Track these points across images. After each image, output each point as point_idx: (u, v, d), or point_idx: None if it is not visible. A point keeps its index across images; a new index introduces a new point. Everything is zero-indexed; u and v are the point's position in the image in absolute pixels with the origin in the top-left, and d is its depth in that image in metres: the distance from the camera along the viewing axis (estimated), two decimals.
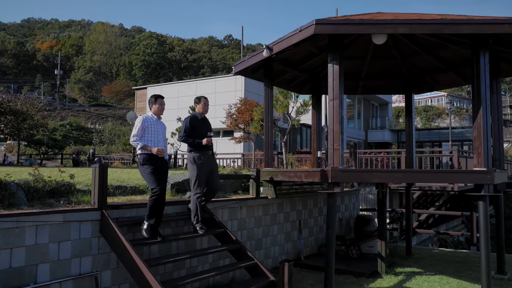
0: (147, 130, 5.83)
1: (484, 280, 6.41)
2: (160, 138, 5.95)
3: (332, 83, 6.80)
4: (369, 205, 13.40)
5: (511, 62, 8.38)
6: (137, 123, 5.84)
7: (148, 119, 5.91)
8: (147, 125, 5.85)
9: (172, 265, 6.29)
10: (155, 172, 5.72)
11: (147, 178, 5.76)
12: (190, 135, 6.44)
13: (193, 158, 6.39)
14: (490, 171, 6.40)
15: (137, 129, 5.78)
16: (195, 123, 6.55)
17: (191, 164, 6.42)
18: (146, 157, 5.74)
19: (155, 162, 5.75)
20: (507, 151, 42.18)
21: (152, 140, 5.82)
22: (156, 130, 5.93)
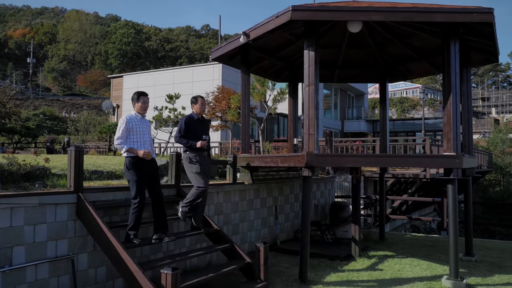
0: (132, 131, 5.55)
1: (452, 260, 6.67)
2: (146, 138, 5.70)
3: (308, 69, 6.91)
4: (344, 192, 13.64)
5: (480, 52, 8.61)
6: (120, 124, 5.54)
7: (132, 119, 5.61)
8: (132, 125, 5.56)
9: (149, 248, 6.34)
10: (140, 178, 5.49)
11: (131, 184, 5.52)
12: (184, 136, 6.28)
13: (189, 158, 6.30)
14: (458, 156, 6.64)
15: (121, 131, 5.48)
16: (190, 124, 6.37)
17: (188, 163, 6.31)
18: (132, 160, 5.49)
19: (142, 165, 5.52)
20: (478, 142, 43.36)
21: (138, 141, 5.57)
22: (142, 130, 5.65)
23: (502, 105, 73.90)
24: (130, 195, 5.61)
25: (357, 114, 36.21)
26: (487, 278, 7.15)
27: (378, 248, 9.50)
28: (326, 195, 12.18)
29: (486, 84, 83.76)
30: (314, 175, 6.85)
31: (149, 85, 26.88)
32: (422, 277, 7.17)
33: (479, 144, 39.33)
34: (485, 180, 35.06)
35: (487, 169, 28.24)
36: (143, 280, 4.83)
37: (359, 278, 7.08)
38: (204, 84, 22.84)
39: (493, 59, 8.88)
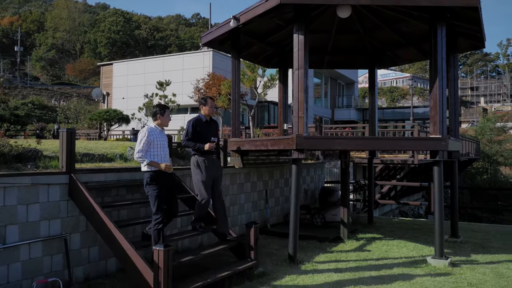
0: (152, 144, 5.36)
1: (437, 240, 6.86)
2: (166, 151, 5.56)
3: (297, 53, 6.99)
4: (334, 178, 13.83)
5: (467, 38, 8.75)
6: (141, 136, 5.34)
7: (153, 132, 5.43)
8: (153, 138, 5.37)
9: (141, 228, 6.41)
10: (161, 194, 5.34)
11: (152, 200, 5.34)
12: (192, 138, 6.09)
13: (197, 162, 6.10)
14: (444, 138, 6.80)
15: (142, 144, 5.28)
16: (198, 126, 6.16)
17: (195, 168, 6.13)
18: (153, 175, 5.31)
19: (163, 179, 5.36)
20: (467, 131, 43.83)
21: (158, 154, 5.39)
22: (162, 143, 5.49)
23: (491, 95, 74.62)
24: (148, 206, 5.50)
25: (347, 102, 36.43)
26: (471, 257, 7.36)
27: (366, 231, 9.69)
28: (316, 181, 12.33)
29: (475, 74, 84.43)
30: (303, 157, 6.96)
31: (139, 73, 26.82)
32: (408, 257, 7.36)
33: (468, 133, 39.76)
34: (472, 168, 35.56)
35: (475, 157, 28.62)
36: (136, 258, 4.93)
37: (347, 258, 7.25)
38: (194, 71, 22.83)
39: (479, 45, 9.03)
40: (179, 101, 15.68)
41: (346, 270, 6.50)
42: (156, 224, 5.29)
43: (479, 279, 6.07)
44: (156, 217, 5.31)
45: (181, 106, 16.70)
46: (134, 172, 6.61)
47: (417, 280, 6.00)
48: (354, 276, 6.20)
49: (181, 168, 7.36)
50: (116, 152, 7.44)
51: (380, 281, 5.94)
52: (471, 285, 5.77)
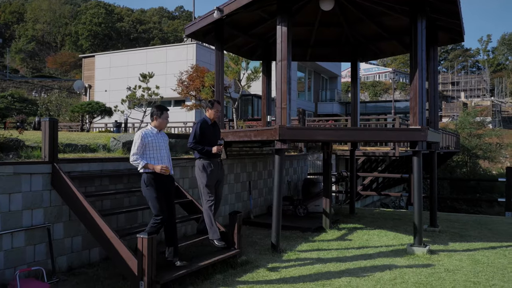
0: (148, 146, 5.25)
1: (416, 228, 7.03)
2: (164, 153, 5.41)
3: (280, 44, 7.06)
4: (317, 170, 13.98)
5: (447, 31, 8.92)
6: (136, 139, 5.24)
7: (148, 134, 5.30)
8: (148, 140, 5.26)
9: (124, 218, 6.45)
10: (160, 196, 5.25)
11: (151, 202, 5.24)
12: (199, 141, 5.99)
13: (203, 166, 6.00)
14: (424, 129, 6.96)
15: (137, 147, 5.19)
16: (205, 129, 6.07)
17: (200, 171, 6.03)
18: (150, 176, 5.20)
19: (161, 181, 5.26)
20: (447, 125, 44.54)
21: (154, 156, 5.28)
22: (158, 145, 5.35)
23: (471, 90, 75.68)
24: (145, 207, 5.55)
25: (331, 96, 36.68)
26: (449, 246, 7.57)
27: (348, 221, 9.85)
28: (299, 172, 12.45)
29: (456, 69, 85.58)
30: (286, 147, 7.05)
31: (122, 65, 26.56)
32: (388, 245, 7.53)
33: (448, 127, 40.41)
34: (452, 161, 36.20)
35: (455, 150, 29.16)
36: (120, 246, 4.96)
37: (329, 247, 7.38)
38: (178, 64, 22.71)
39: (458, 38, 9.22)
40: (162, 93, 15.62)
41: (328, 258, 6.63)
42: (155, 223, 5.25)
43: (456, 265, 6.26)
44: (157, 219, 5.24)
45: (164, 98, 16.61)
46: (117, 162, 6.62)
47: (396, 267, 6.16)
48: (335, 263, 6.32)
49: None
50: (99, 143, 7.42)
51: (361, 268, 6.08)
52: (448, 271, 5.95)
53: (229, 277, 5.60)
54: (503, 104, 73.25)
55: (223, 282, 5.41)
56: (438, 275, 5.75)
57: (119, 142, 7.40)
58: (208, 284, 5.32)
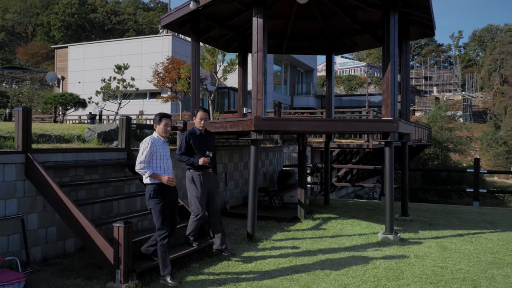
0: (155, 155, 5.03)
1: (387, 217, 7.24)
2: (168, 163, 5.20)
3: (256, 36, 7.13)
4: (292, 162, 14.13)
5: (418, 26, 9.13)
6: (144, 147, 4.99)
7: (156, 142, 5.08)
8: (156, 149, 5.04)
9: (100, 208, 6.44)
10: (165, 208, 5.02)
11: (156, 215, 5.00)
12: (185, 153, 5.84)
13: (192, 177, 5.86)
14: (395, 120, 7.16)
15: (145, 155, 4.95)
16: (192, 139, 5.90)
17: (190, 183, 5.89)
18: (156, 188, 4.98)
19: (166, 193, 5.05)
20: (420, 119, 45.50)
21: (161, 166, 5.07)
22: (165, 154, 5.15)
23: (443, 84, 77.39)
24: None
25: (307, 89, 36.98)
26: (419, 233, 7.82)
27: (322, 211, 10.04)
28: (275, 164, 12.58)
29: (429, 64, 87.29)
30: (262, 138, 7.15)
31: (96, 56, 26.15)
32: (361, 234, 7.73)
33: (421, 121, 41.33)
34: (424, 154, 37.08)
35: (427, 143, 29.88)
36: (95, 235, 4.97)
37: (303, 236, 7.53)
38: (153, 56, 22.51)
39: (429, 33, 9.44)
40: (138, 85, 15.47)
41: (302, 246, 6.77)
42: (162, 239, 4.96)
43: (425, 251, 6.49)
44: (161, 233, 4.97)
45: (140, 90, 16.47)
46: (93, 152, 6.59)
47: (368, 253, 6.35)
48: (309, 251, 6.47)
49: None
50: (74, 134, 7.36)
51: (334, 256, 6.24)
52: (418, 257, 6.17)
53: (205, 265, 5.67)
54: (474, 99, 75.25)
55: (199, 270, 5.48)
56: (408, 261, 5.96)
57: (94, 133, 7.36)
58: (185, 273, 5.39)
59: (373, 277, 5.27)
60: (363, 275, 5.35)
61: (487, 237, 7.57)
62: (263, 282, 5.08)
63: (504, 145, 54.97)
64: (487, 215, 9.86)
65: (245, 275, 5.36)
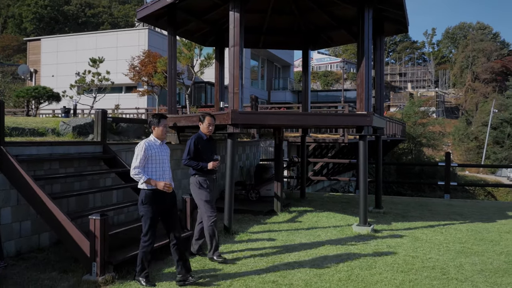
0: (150, 159, 4.79)
1: (361, 209, 7.42)
2: (166, 167, 4.95)
3: (233, 30, 7.16)
4: (269, 156, 14.23)
5: (392, 22, 9.33)
6: (138, 151, 4.76)
7: (151, 146, 4.82)
8: (151, 153, 4.79)
9: (75, 202, 6.39)
10: (156, 216, 4.79)
11: (145, 222, 4.77)
12: (194, 158, 5.69)
13: (199, 183, 5.72)
14: (369, 114, 7.32)
15: (139, 160, 4.71)
16: (199, 145, 5.74)
17: (197, 188, 5.73)
18: (150, 194, 4.73)
19: (160, 199, 4.79)
20: (395, 114, 46.27)
21: (156, 171, 4.81)
22: (161, 158, 4.89)
23: (417, 81, 78.85)
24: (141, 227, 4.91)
25: (283, 85, 37.16)
26: (391, 225, 8.03)
27: (298, 204, 10.17)
28: (251, 158, 12.66)
29: (404, 61, 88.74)
30: (238, 131, 7.21)
31: (70, 49, 25.69)
32: (336, 226, 7.89)
33: (396, 116, 42.08)
34: (399, 149, 37.79)
35: (401, 138, 30.46)
36: (71, 228, 4.94)
37: (279, 229, 7.64)
38: (129, 49, 22.25)
39: (403, 29, 9.66)
40: (113, 79, 15.29)
41: (279, 238, 6.87)
42: (145, 245, 4.77)
43: (397, 242, 6.68)
44: (145, 239, 4.77)
45: (115, 84, 16.28)
46: (67, 146, 6.52)
47: (342, 244, 6.50)
48: (285, 243, 6.58)
49: (116, 143, 7.34)
50: (48, 127, 7.27)
51: (309, 246, 6.37)
52: (390, 247, 6.35)
53: None
54: (446, 95, 76.95)
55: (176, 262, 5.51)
56: (381, 251, 6.13)
57: (69, 126, 7.28)
58: (161, 265, 5.42)
59: (347, 266, 5.41)
60: (337, 264, 5.48)
61: (457, 228, 7.83)
62: (240, 273, 5.16)
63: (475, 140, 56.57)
64: (457, 207, 10.17)
65: (222, 265, 5.43)
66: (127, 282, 4.77)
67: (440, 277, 5.05)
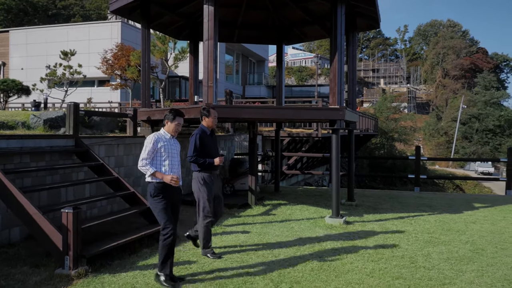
0: (159, 152, 4.71)
1: (334, 201, 7.58)
2: (175, 161, 4.86)
3: (207, 23, 7.17)
4: (243, 151, 14.29)
5: (365, 18, 9.48)
6: (147, 143, 4.68)
7: (161, 139, 4.74)
8: (160, 146, 4.71)
9: (47, 196, 6.30)
10: (168, 207, 4.70)
11: (159, 214, 4.68)
12: (200, 154, 5.50)
13: (203, 179, 5.56)
14: (342, 108, 7.45)
15: (147, 151, 4.63)
16: (204, 140, 5.57)
17: (200, 185, 5.58)
18: (158, 186, 4.66)
19: (169, 192, 4.72)
20: (368, 110, 46.99)
21: (165, 164, 4.75)
22: (171, 151, 4.80)
23: (390, 77, 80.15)
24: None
25: (258, 80, 37.23)
26: (363, 217, 8.22)
27: (272, 198, 10.27)
28: (226, 153, 12.69)
29: (377, 57, 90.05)
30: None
31: (40, 42, 25.09)
32: (309, 218, 8.02)
33: (369, 111, 42.76)
34: (371, 144, 38.44)
35: (373, 132, 30.98)
36: (43, 222, 4.89)
37: (254, 221, 7.71)
38: (102, 42, 21.89)
39: (375, 25, 9.84)
40: (85, 72, 15.04)
41: (253, 231, 6.95)
42: (166, 239, 4.62)
43: (368, 233, 6.86)
44: (165, 232, 4.62)
45: (88, 78, 16.02)
46: (39, 139, 6.42)
47: (315, 236, 6.62)
48: (259, 235, 6.65)
49: (89, 136, 7.26)
50: (18, 120, 7.13)
51: (283, 239, 6.47)
52: (361, 238, 6.51)
53: (156, 250, 5.68)
54: (418, 91, 78.56)
55: (150, 255, 5.54)
56: (352, 242, 6.29)
57: (40, 120, 7.16)
58: (135, 258, 5.42)
59: (319, 256, 5.52)
60: (310, 255, 5.59)
61: (425, 219, 8.07)
62: (214, 265, 5.21)
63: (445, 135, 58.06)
64: (427, 199, 10.46)
65: (196, 258, 5.47)
66: (101, 275, 4.75)
67: (409, 266, 5.22)
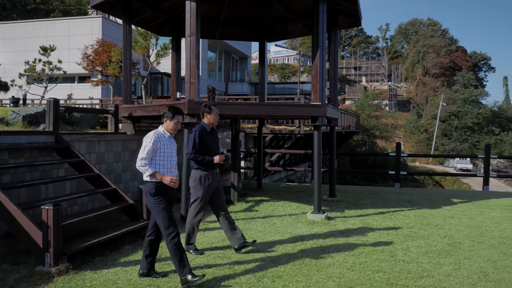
0: (158, 151, 4.59)
1: (316, 197, 7.65)
2: (174, 161, 4.76)
3: (189, 19, 7.15)
4: (226, 147, 14.29)
5: (346, 16, 9.58)
6: (146, 142, 4.55)
7: (160, 138, 4.62)
8: (160, 145, 4.59)
9: (27, 193, 6.23)
10: (167, 207, 4.60)
11: (159, 215, 4.56)
12: (199, 151, 5.40)
13: (200, 178, 5.46)
14: (323, 105, 7.52)
15: (146, 151, 4.49)
16: (204, 137, 5.47)
17: (196, 183, 5.49)
18: (157, 185, 4.56)
19: (167, 192, 4.64)
20: (350, 107, 47.40)
21: (164, 164, 4.62)
22: (170, 151, 4.70)
23: (371, 74, 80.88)
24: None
25: (241, 77, 37.22)
26: (344, 212, 8.32)
27: (255, 194, 10.31)
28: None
29: (359, 55, 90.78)
30: (195, 121, 7.22)
31: (19, 37, 24.64)
32: (291, 214, 8.09)
33: (351, 109, 43.12)
34: (353, 141, 38.79)
35: (355, 129, 31.26)
36: (22, 219, 4.84)
37: (236, 218, 7.70)
38: (82, 38, 21.58)
39: (356, 23, 9.93)
40: (66, 68, 14.83)
41: None
42: (172, 239, 4.49)
43: (349, 228, 6.95)
44: (169, 232, 4.49)
45: (68, 74, 15.79)
46: (17, 135, 6.33)
47: (297, 231, 6.69)
48: (242, 231, 6.66)
49: (70, 133, 7.18)
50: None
51: (265, 234, 6.52)
52: (342, 233, 6.60)
53: (138, 247, 5.70)
54: (399, 89, 79.49)
55: (132, 252, 5.52)
56: (334, 237, 6.37)
57: (19, 115, 7.06)
58: (117, 255, 5.40)
59: (301, 251, 5.59)
60: (292, 250, 5.65)
61: (405, 214, 8.22)
62: (196, 261, 5.23)
63: (425, 132, 58.93)
64: (407, 195, 10.64)
65: None
66: (82, 272, 4.72)
67: (389, 259, 5.31)
